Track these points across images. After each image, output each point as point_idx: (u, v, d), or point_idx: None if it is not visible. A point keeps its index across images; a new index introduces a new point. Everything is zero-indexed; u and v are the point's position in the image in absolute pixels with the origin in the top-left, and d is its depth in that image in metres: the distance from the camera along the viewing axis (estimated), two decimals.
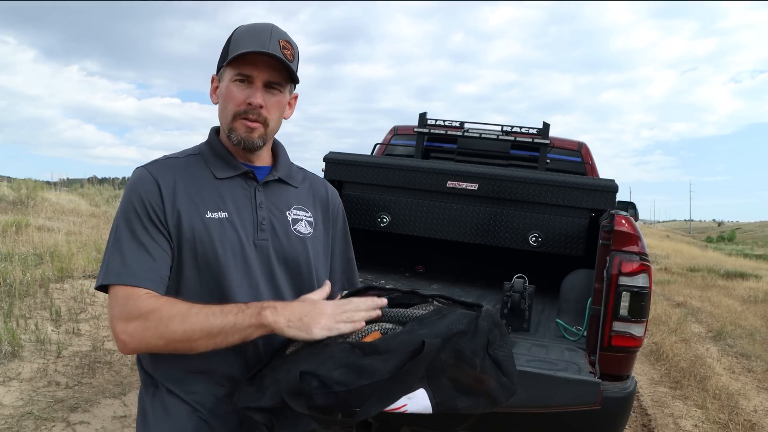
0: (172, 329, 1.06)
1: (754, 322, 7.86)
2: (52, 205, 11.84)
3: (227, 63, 1.20)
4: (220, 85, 1.24)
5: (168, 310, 1.07)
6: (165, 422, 1.17)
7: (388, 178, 3.31)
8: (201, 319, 1.06)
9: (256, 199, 1.24)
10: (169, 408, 1.18)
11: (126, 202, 1.17)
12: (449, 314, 1.06)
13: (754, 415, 4.20)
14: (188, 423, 1.17)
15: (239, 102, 1.20)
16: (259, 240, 1.22)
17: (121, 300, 1.10)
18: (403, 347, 0.97)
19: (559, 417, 2.01)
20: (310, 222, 1.32)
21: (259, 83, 1.20)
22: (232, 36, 1.23)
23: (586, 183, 3.06)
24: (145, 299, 1.09)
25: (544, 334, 2.50)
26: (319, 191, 1.39)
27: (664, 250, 22.16)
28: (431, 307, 1.16)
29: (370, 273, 3.57)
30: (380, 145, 4.73)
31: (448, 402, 0.99)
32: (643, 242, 2.20)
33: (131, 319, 1.07)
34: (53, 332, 4.41)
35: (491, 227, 3.16)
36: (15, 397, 3.31)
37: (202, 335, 1.06)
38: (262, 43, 1.18)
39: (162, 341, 1.07)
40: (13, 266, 5.53)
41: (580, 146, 4.51)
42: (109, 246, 1.16)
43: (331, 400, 0.96)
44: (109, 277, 1.11)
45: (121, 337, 1.08)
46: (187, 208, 1.17)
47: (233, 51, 1.19)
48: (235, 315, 1.07)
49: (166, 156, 1.26)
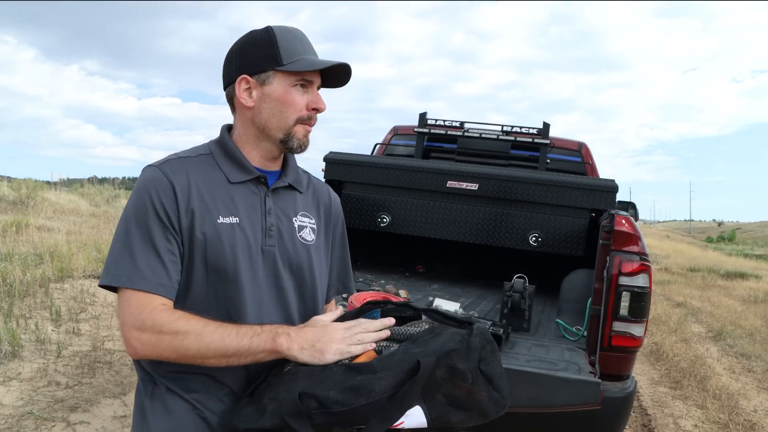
0: (186, 345, 1.08)
1: (754, 322, 7.86)
2: (52, 205, 11.84)
3: (287, 69, 1.20)
4: (268, 89, 1.21)
5: (184, 325, 1.09)
6: (165, 420, 1.17)
7: (388, 178, 3.32)
8: (216, 338, 1.08)
9: (265, 205, 1.24)
10: (169, 405, 1.18)
11: (138, 202, 1.16)
12: (442, 332, 1.09)
13: (754, 415, 4.20)
14: (188, 421, 1.17)
15: (301, 107, 1.22)
16: (266, 246, 1.22)
17: (134, 308, 1.10)
18: (398, 367, 1.01)
19: (559, 417, 2.01)
20: (313, 229, 1.33)
21: (315, 88, 1.24)
22: (275, 39, 1.21)
23: (586, 183, 3.07)
24: (161, 312, 1.10)
25: (544, 334, 2.50)
26: (322, 197, 1.40)
27: (664, 250, 22.17)
28: (425, 324, 1.18)
29: (370, 273, 3.57)
30: (380, 145, 4.73)
31: (443, 417, 1.03)
32: (643, 242, 2.21)
33: (145, 329, 1.09)
34: (53, 332, 4.41)
35: (491, 227, 3.16)
36: (15, 396, 3.31)
37: (216, 354, 1.09)
38: (312, 50, 1.24)
39: (175, 354, 1.09)
40: (13, 266, 5.53)
41: (580, 146, 4.52)
42: (117, 244, 1.15)
43: (330, 420, 0.99)
44: (120, 280, 1.11)
45: (133, 344, 1.10)
46: (200, 211, 1.17)
47: (291, 56, 1.20)
48: (250, 338, 1.09)
49: (177, 154, 1.25)
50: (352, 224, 3.62)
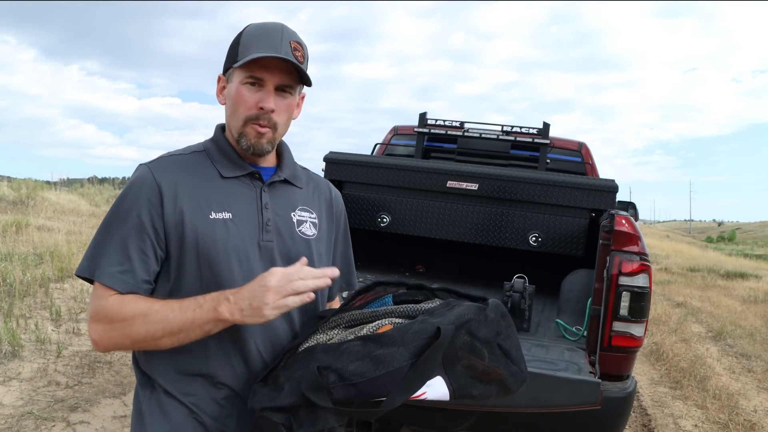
0: (135, 330, 1.09)
1: (754, 322, 7.86)
2: (52, 204, 11.84)
3: (237, 65, 1.16)
4: (229, 87, 1.21)
5: (131, 310, 1.09)
6: (162, 423, 1.16)
7: (389, 178, 3.32)
8: (160, 317, 1.08)
9: (261, 200, 1.23)
10: (166, 409, 1.17)
11: (123, 201, 1.16)
12: (458, 306, 1.07)
13: (754, 415, 4.20)
14: (186, 425, 1.16)
15: (250, 106, 1.17)
16: (264, 241, 1.21)
17: (94, 298, 1.13)
18: (417, 336, 0.98)
19: (559, 417, 2.01)
20: (314, 223, 1.31)
21: (270, 87, 1.17)
22: (241, 36, 1.19)
23: (586, 183, 3.06)
24: (111, 300, 1.11)
25: (544, 334, 2.50)
26: (323, 192, 1.38)
27: (664, 250, 22.16)
28: (439, 301, 1.16)
29: (370, 273, 3.57)
30: (380, 145, 4.73)
31: (465, 389, 1.01)
32: (643, 242, 2.20)
33: (99, 319, 1.11)
34: (53, 332, 4.41)
35: (491, 227, 3.16)
36: (15, 396, 3.31)
37: (164, 334, 1.09)
38: (274, 45, 1.15)
39: (128, 341, 1.11)
40: (13, 266, 5.53)
41: (580, 146, 4.51)
42: (97, 236, 1.16)
43: (350, 393, 0.96)
44: (89, 271, 1.13)
45: (92, 336, 1.13)
46: (190, 207, 1.16)
47: (244, 53, 1.15)
48: (193, 311, 1.08)
49: (169, 153, 1.24)
50: (352, 224, 3.61)
